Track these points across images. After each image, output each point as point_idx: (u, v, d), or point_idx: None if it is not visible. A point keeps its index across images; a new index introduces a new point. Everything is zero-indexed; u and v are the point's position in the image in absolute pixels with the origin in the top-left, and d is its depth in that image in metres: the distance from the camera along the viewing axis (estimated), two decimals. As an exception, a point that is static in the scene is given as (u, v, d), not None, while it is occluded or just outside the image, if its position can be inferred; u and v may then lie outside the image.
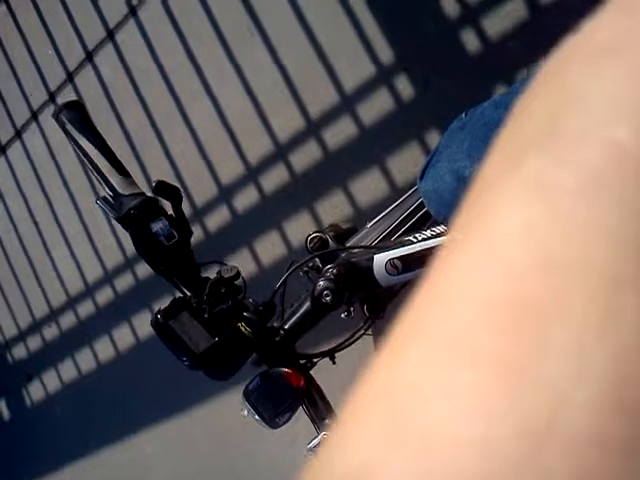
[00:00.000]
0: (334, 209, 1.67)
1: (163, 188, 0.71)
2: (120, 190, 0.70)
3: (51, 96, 2.25)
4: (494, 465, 0.11)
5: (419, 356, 0.13)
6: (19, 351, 2.60)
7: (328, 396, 0.82)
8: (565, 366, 0.11)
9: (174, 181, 1.94)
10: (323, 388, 0.83)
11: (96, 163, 0.70)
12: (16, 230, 2.48)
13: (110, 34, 2.04)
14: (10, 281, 2.55)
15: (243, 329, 0.73)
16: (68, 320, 2.38)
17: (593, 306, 0.12)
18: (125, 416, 2.27)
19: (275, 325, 0.82)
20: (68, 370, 2.42)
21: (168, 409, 2.10)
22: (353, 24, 1.57)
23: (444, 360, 0.12)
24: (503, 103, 0.81)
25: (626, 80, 0.14)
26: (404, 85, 1.53)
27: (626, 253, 0.12)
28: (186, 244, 0.73)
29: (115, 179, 0.70)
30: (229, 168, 1.84)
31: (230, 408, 1.81)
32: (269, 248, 1.79)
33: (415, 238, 0.84)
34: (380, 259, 0.84)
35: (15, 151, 2.41)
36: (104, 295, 2.26)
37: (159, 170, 1.99)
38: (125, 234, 0.71)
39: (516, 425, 0.11)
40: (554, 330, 0.12)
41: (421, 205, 0.94)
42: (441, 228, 0.85)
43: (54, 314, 2.43)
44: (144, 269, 2.08)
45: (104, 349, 2.29)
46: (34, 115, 2.32)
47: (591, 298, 0.12)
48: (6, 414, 2.73)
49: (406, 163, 1.53)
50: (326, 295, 0.81)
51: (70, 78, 2.18)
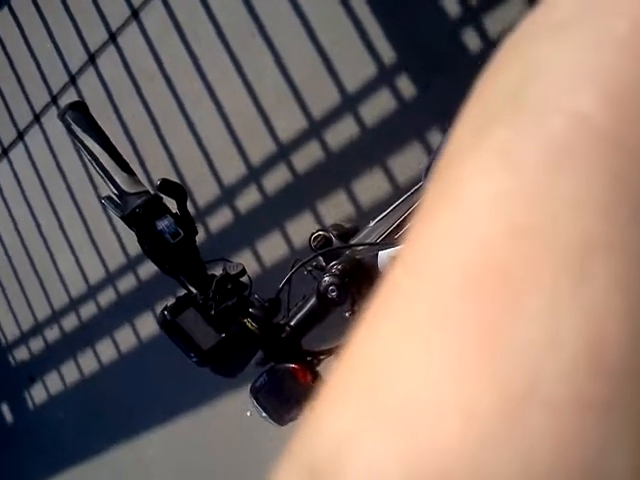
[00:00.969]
0: (337, 209, 1.67)
1: (168, 186, 0.71)
2: (125, 188, 0.70)
3: (54, 98, 2.26)
4: (474, 430, 0.11)
5: (394, 327, 0.13)
6: (22, 353, 2.60)
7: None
8: (540, 331, 0.11)
9: (175, 179, 1.94)
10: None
11: (101, 162, 0.70)
12: (18, 232, 2.48)
13: (112, 36, 2.05)
14: (12, 283, 2.55)
15: (249, 325, 0.74)
16: (70, 322, 2.39)
17: (564, 271, 0.12)
18: (128, 418, 2.27)
19: (281, 322, 0.82)
20: (71, 372, 2.42)
21: (171, 411, 2.10)
22: (355, 25, 1.58)
23: (419, 329, 0.13)
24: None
25: (585, 51, 0.14)
26: (405, 85, 1.54)
27: (594, 219, 0.12)
28: (191, 241, 0.73)
29: (120, 177, 0.71)
30: (232, 169, 1.84)
31: (234, 410, 1.82)
32: (272, 248, 1.79)
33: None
34: (385, 255, 0.84)
35: (18, 153, 2.42)
36: (106, 297, 2.26)
37: (162, 171, 1.99)
38: (127, 236, 0.71)
39: (494, 390, 0.11)
40: (527, 296, 0.12)
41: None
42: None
43: (56, 316, 2.43)
44: (146, 270, 2.08)
45: (106, 351, 2.29)
46: (37, 117, 2.33)
47: (561, 264, 0.12)
48: (9, 417, 2.73)
49: (408, 163, 1.54)
50: (332, 290, 0.81)
51: (73, 80, 2.19)
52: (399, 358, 0.12)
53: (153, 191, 0.72)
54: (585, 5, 0.15)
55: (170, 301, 0.73)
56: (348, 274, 0.83)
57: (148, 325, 2.12)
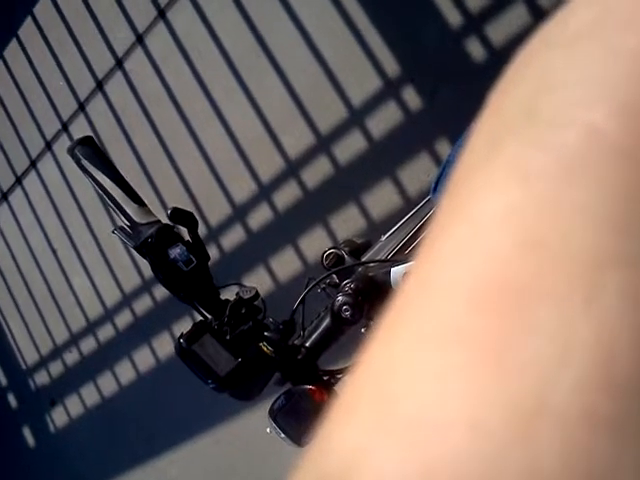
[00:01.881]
0: (348, 223, 1.67)
1: (178, 214, 0.72)
2: (136, 219, 0.71)
3: (64, 126, 2.29)
4: (484, 444, 0.11)
5: (406, 341, 0.13)
6: (42, 377, 2.62)
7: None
8: (551, 346, 0.11)
9: (188, 202, 1.96)
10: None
11: (112, 194, 0.71)
12: (35, 258, 2.51)
13: (119, 63, 2.08)
14: (30, 308, 2.57)
15: (265, 349, 0.74)
16: (89, 345, 2.40)
17: (576, 286, 0.12)
18: (149, 439, 2.28)
19: (297, 343, 0.82)
20: (90, 394, 2.44)
21: (192, 431, 2.10)
22: (358, 39, 1.59)
23: (431, 344, 0.13)
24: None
25: (598, 64, 0.14)
26: (411, 97, 1.54)
27: (607, 233, 0.12)
28: (204, 268, 0.74)
29: (131, 209, 0.72)
30: (242, 188, 1.86)
31: (254, 427, 1.81)
32: (285, 264, 1.80)
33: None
34: (397, 272, 0.84)
35: (31, 181, 2.45)
36: (123, 319, 2.27)
37: (172, 192, 2.01)
38: (142, 258, 0.72)
39: (505, 405, 0.11)
40: (538, 311, 0.12)
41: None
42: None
43: (75, 339, 2.44)
44: (162, 291, 2.09)
45: (125, 372, 2.30)
46: (48, 145, 2.36)
47: (574, 278, 0.12)
48: (30, 440, 2.74)
49: (417, 174, 1.54)
50: (345, 310, 0.82)
51: (82, 107, 2.22)
52: (410, 372, 0.12)
53: (164, 220, 0.73)
54: (598, 19, 0.15)
55: (187, 321, 0.74)
56: (361, 292, 0.83)
57: (165, 345, 2.13)
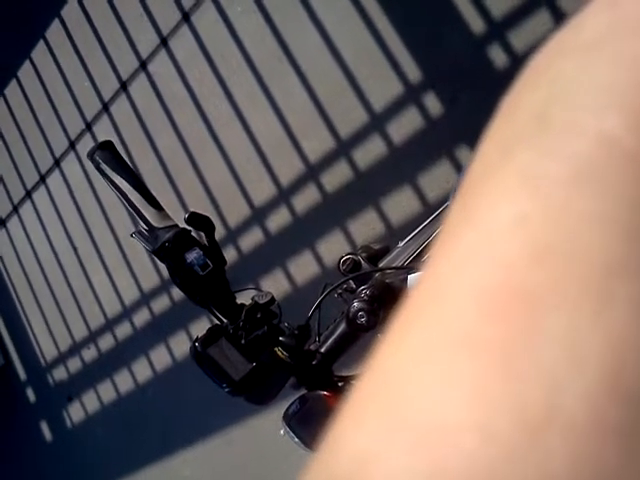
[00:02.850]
0: (366, 227, 1.67)
1: (195, 219, 0.73)
2: (154, 223, 0.72)
3: (88, 126, 2.32)
4: (493, 450, 0.11)
5: (416, 346, 0.13)
6: (60, 373, 2.65)
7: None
8: (561, 353, 0.11)
9: (208, 204, 1.97)
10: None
11: (130, 198, 0.72)
12: (56, 256, 2.54)
13: (143, 65, 2.10)
14: (51, 305, 2.61)
15: (280, 354, 0.74)
16: (107, 342, 2.43)
17: (586, 293, 0.12)
18: (163, 438, 2.29)
19: (312, 348, 0.82)
20: (107, 391, 2.46)
21: (205, 431, 2.11)
22: (379, 44, 1.59)
23: (441, 350, 0.13)
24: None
25: (610, 72, 0.14)
26: (432, 103, 1.54)
27: (618, 241, 0.12)
28: (221, 272, 0.74)
29: (149, 213, 0.72)
30: (262, 190, 1.86)
31: (268, 429, 1.82)
32: (303, 267, 1.80)
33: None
34: (414, 279, 0.84)
35: (54, 180, 2.49)
36: (141, 317, 2.29)
37: (193, 193, 2.02)
38: (160, 260, 0.72)
39: (514, 412, 0.11)
40: (549, 318, 0.12)
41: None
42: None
43: (93, 336, 2.47)
44: (179, 291, 2.10)
45: (142, 370, 2.32)
46: (72, 144, 2.39)
47: (584, 286, 0.12)
48: (48, 435, 2.77)
49: (437, 180, 1.53)
50: (361, 316, 0.81)
51: (106, 108, 2.24)
52: (420, 377, 0.12)
53: (182, 224, 0.73)
54: (611, 27, 0.15)
55: (203, 321, 0.74)
56: (377, 299, 0.83)
57: (182, 345, 2.14)
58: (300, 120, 1.76)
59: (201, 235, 0.74)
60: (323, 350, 0.82)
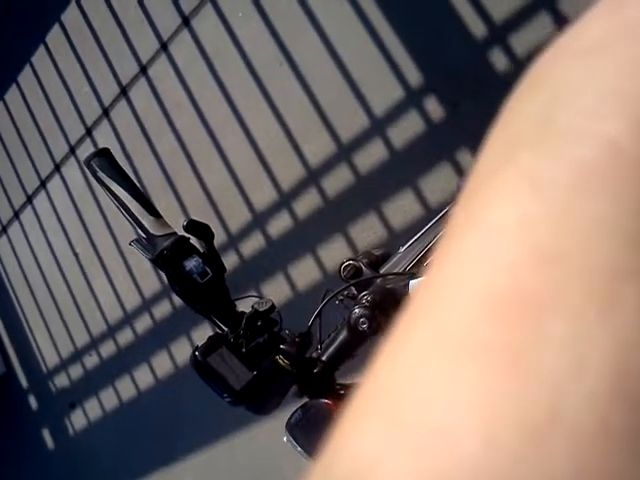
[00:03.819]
0: (368, 232, 1.66)
1: (194, 226, 0.72)
2: (152, 231, 0.71)
3: (88, 131, 2.32)
4: (496, 454, 0.11)
5: (419, 350, 0.13)
6: (62, 380, 2.65)
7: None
8: (565, 357, 0.11)
9: (208, 208, 1.97)
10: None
11: (128, 206, 0.72)
12: (57, 262, 2.54)
13: (143, 69, 2.10)
14: (52, 312, 2.61)
15: (281, 362, 0.73)
16: (108, 349, 2.43)
17: (591, 297, 0.12)
18: (165, 444, 2.29)
19: (313, 356, 0.82)
20: (109, 398, 2.46)
21: (208, 437, 2.11)
22: (380, 49, 1.59)
23: (444, 354, 0.12)
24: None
25: (614, 76, 0.14)
26: (433, 107, 1.53)
27: (622, 244, 0.12)
28: (220, 280, 0.73)
29: (147, 221, 0.72)
30: (262, 195, 1.86)
31: (271, 435, 1.81)
32: (303, 273, 1.80)
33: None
34: (416, 284, 0.83)
35: (55, 185, 2.49)
36: (143, 323, 2.29)
37: (193, 198, 2.02)
38: (160, 267, 0.72)
39: (517, 416, 0.11)
40: (553, 322, 0.12)
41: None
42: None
43: (95, 343, 2.47)
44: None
45: (144, 377, 2.31)
46: (72, 150, 2.39)
47: (589, 289, 0.12)
48: (50, 442, 2.77)
49: (438, 184, 1.53)
50: (362, 323, 0.81)
51: (106, 113, 2.24)
52: (422, 381, 0.12)
53: (180, 232, 0.73)
54: (613, 32, 0.15)
55: (205, 327, 0.74)
56: (378, 305, 0.82)
57: (183, 351, 2.14)
58: (301, 124, 1.76)
59: (200, 243, 0.73)
60: (325, 358, 0.81)
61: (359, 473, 0.12)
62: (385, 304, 0.83)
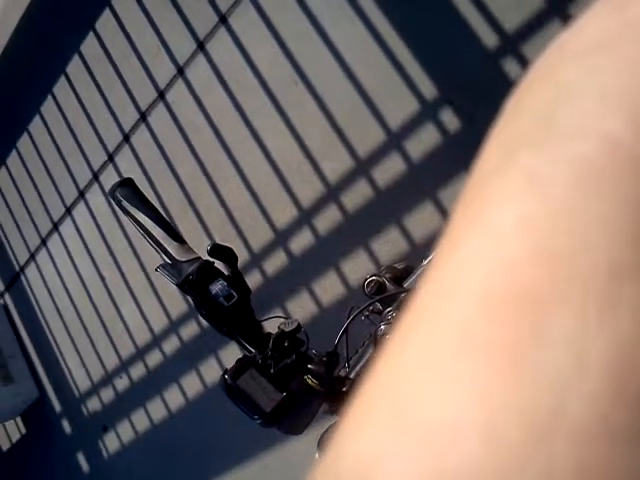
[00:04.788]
0: (389, 245, 1.66)
1: (218, 250, 0.73)
2: (177, 257, 0.73)
3: (110, 157, 2.36)
4: (498, 454, 0.11)
5: (421, 348, 0.13)
6: (94, 403, 2.67)
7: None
8: (566, 356, 0.11)
9: (230, 229, 1.99)
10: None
11: (152, 234, 0.73)
12: (85, 287, 2.57)
13: (161, 95, 2.13)
14: (81, 336, 2.64)
15: (310, 381, 0.74)
16: (138, 371, 2.44)
17: (591, 296, 0.12)
18: (198, 464, 2.29)
19: (341, 374, 0.82)
20: (141, 420, 2.47)
21: (240, 456, 2.11)
22: (394, 63, 1.59)
23: (446, 351, 0.13)
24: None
25: (616, 75, 0.14)
26: (450, 119, 1.53)
27: (623, 243, 0.12)
28: (246, 302, 0.74)
29: (172, 247, 0.73)
30: (283, 213, 1.87)
31: (303, 456, 1.81)
32: (328, 288, 1.80)
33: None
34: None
35: (80, 211, 2.53)
36: (171, 345, 2.31)
37: (215, 219, 2.04)
38: (185, 289, 0.73)
39: (519, 415, 0.11)
40: (554, 320, 0.12)
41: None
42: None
43: (124, 366, 2.49)
44: (207, 317, 2.11)
45: (174, 398, 2.32)
46: (95, 176, 2.43)
47: (589, 289, 0.12)
48: (85, 466, 2.79)
49: (457, 195, 1.52)
50: (389, 340, 0.81)
51: (126, 138, 2.28)
52: (425, 379, 0.12)
53: (204, 257, 0.74)
54: (615, 31, 0.15)
55: (232, 347, 0.74)
56: (404, 320, 0.82)
57: (213, 370, 2.15)
58: (318, 141, 1.77)
59: (225, 266, 0.74)
60: (352, 375, 0.81)
61: (361, 473, 0.12)
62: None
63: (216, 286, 0.72)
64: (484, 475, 0.11)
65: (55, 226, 2.64)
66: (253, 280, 1.92)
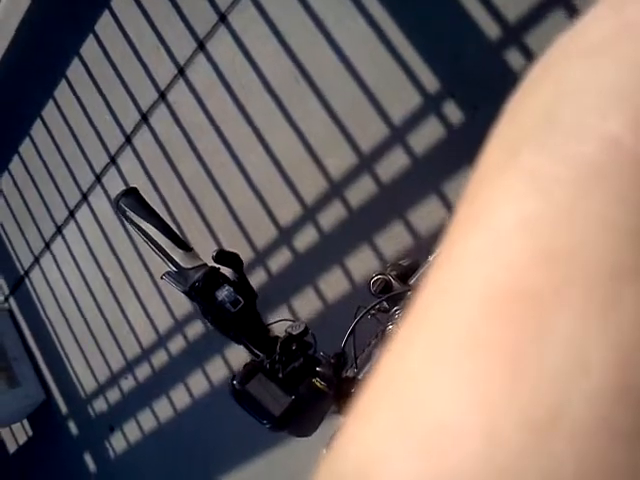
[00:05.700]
0: (394, 241, 1.66)
1: (223, 256, 0.73)
2: (183, 264, 0.73)
3: (112, 159, 2.35)
4: (499, 454, 0.11)
5: (422, 349, 0.13)
6: (100, 404, 2.67)
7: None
8: (567, 355, 0.11)
9: (234, 228, 1.98)
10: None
11: (158, 242, 0.73)
12: (89, 289, 2.58)
13: (162, 95, 2.13)
14: (87, 337, 2.64)
15: (318, 384, 0.73)
16: (144, 371, 2.45)
17: (593, 295, 0.12)
18: (204, 464, 2.30)
19: (349, 375, 0.81)
20: (147, 420, 2.47)
21: (249, 456, 2.11)
22: (395, 57, 1.58)
23: (447, 352, 0.13)
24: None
25: (617, 75, 0.14)
26: (453, 112, 1.52)
27: (624, 243, 0.12)
28: (252, 307, 0.74)
29: (177, 255, 0.73)
30: (287, 211, 1.87)
31: (313, 459, 1.80)
32: (333, 286, 1.79)
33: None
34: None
35: (83, 214, 2.53)
36: (176, 344, 2.31)
37: (219, 219, 2.04)
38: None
39: (520, 414, 0.11)
40: (555, 320, 0.12)
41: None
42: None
43: (130, 366, 2.49)
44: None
45: (181, 397, 2.33)
46: (98, 178, 2.43)
47: (590, 289, 0.12)
48: (92, 466, 2.80)
49: (461, 189, 1.51)
50: (397, 339, 0.80)
51: (128, 140, 2.28)
52: (426, 380, 0.12)
53: (210, 263, 0.74)
54: (615, 32, 0.15)
55: (238, 347, 0.74)
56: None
57: (219, 370, 2.15)
58: (321, 138, 1.76)
59: (230, 271, 0.74)
60: (361, 376, 0.81)
61: (364, 473, 0.12)
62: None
63: (222, 292, 0.72)
64: (486, 475, 0.11)
65: (59, 229, 2.64)
66: (258, 278, 1.92)
